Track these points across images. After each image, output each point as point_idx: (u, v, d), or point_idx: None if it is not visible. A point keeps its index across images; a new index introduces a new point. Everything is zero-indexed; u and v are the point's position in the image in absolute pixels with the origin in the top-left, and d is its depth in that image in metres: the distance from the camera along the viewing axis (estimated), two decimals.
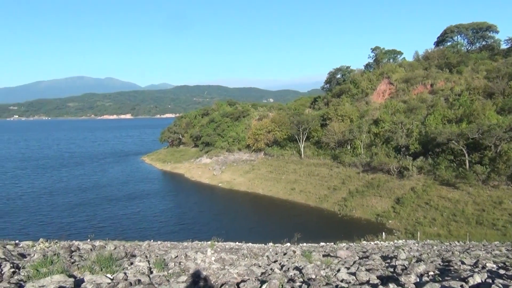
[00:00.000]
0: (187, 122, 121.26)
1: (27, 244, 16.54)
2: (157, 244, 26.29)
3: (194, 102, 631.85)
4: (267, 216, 60.55)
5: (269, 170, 79.37)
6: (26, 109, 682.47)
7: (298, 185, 69.53)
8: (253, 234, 45.08)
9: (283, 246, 27.59)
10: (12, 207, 61.62)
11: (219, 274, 8.90)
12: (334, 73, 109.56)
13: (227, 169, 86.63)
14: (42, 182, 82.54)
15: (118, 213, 59.14)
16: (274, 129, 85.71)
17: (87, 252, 12.72)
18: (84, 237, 29.93)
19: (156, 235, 45.12)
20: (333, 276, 9.14)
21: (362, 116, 78.63)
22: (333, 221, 54.69)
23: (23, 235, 41.99)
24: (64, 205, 63.03)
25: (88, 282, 6.95)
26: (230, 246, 28.20)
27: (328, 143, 75.25)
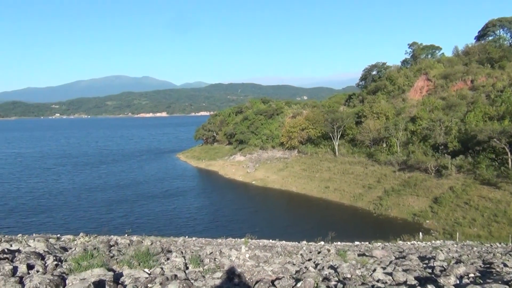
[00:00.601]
0: (221, 120, 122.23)
1: (68, 238, 17.14)
2: (192, 240, 26.71)
3: (228, 100, 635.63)
4: (300, 214, 60.31)
5: (302, 168, 78.99)
6: (67, 107, 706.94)
7: (332, 183, 68.88)
8: (286, 232, 44.99)
9: (317, 245, 27.45)
10: (54, 203, 63.93)
11: (253, 271, 8.95)
12: (370, 70, 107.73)
13: (260, 167, 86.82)
14: (82, 179, 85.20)
15: (154, 209, 60.33)
16: (308, 127, 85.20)
17: (125, 246, 13.05)
18: (122, 232, 30.64)
19: (190, 231, 45.80)
20: (369, 276, 9.03)
21: (398, 114, 77.04)
22: (367, 220, 53.93)
23: (64, 229, 43.42)
24: (103, 201, 64.84)
25: (126, 276, 7.13)
26: (264, 243, 28.29)
27: (363, 141, 74.18)
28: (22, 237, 17.12)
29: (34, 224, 49.82)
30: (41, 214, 56.88)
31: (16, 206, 61.25)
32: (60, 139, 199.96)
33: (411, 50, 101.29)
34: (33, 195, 68.58)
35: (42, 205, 62.26)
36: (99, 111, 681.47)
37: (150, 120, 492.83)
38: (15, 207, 60.36)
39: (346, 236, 34.86)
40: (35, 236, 17.93)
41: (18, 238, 15.10)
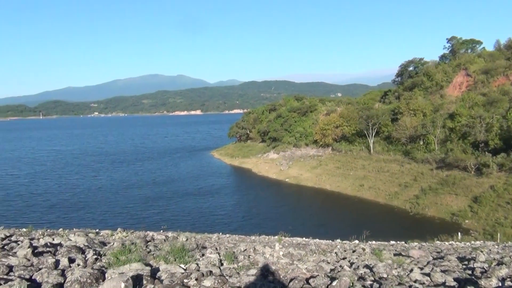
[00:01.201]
0: (255, 118, 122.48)
1: (106, 233, 17.62)
2: (226, 237, 26.92)
3: (261, 97, 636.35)
4: (334, 212, 59.81)
5: (336, 166, 78.17)
6: (104, 106, 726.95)
7: (367, 182, 67.88)
8: (320, 230, 44.72)
9: (351, 243, 27.13)
10: (92, 199, 65.86)
11: (287, 269, 8.93)
12: (406, 66, 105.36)
13: (294, 164, 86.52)
14: (119, 175, 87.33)
15: (189, 206, 61.18)
16: (342, 124, 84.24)
17: (161, 242, 13.28)
18: (158, 228, 31.25)
19: (224, 228, 46.19)
20: (405, 276, 8.86)
21: (436, 110, 75.02)
22: (403, 219, 52.88)
23: (103, 224, 44.63)
24: (139, 198, 66.26)
25: (163, 271, 7.26)
26: (297, 241, 28.21)
27: (399, 138, 72.68)
28: (63, 231, 17.73)
29: (74, 219, 51.45)
30: (80, 210, 58.72)
31: (57, 202, 63.47)
32: (98, 137, 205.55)
33: (450, 44, 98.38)
34: (73, 191, 70.88)
35: (82, 201, 64.27)
36: (136, 109, 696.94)
37: (185, 118, 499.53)
38: (57, 203, 62.56)
39: (381, 235, 34.28)
40: (75, 231, 18.56)
41: (60, 232, 15.64)
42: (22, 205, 61.51)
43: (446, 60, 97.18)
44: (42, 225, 31.47)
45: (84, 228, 27.16)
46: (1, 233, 12.25)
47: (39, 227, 20.72)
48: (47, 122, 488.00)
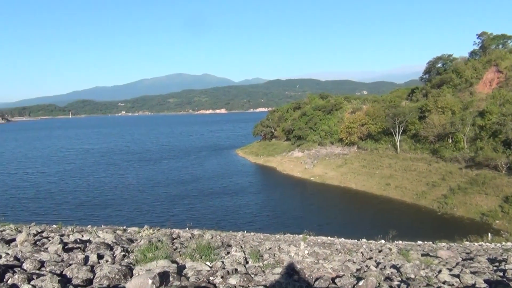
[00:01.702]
0: (279, 116, 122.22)
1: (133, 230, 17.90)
2: (251, 235, 26.99)
3: (286, 96, 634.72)
4: (359, 211, 59.19)
5: (362, 165, 77.32)
6: (131, 105, 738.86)
7: (394, 181, 66.89)
8: (345, 229, 44.30)
9: (377, 243, 26.80)
10: (119, 196, 67.03)
11: (313, 268, 8.89)
12: (434, 62, 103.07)
13: (319, 163, 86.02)
14: (145, 174, 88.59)
15: (214, 204, 61.59)
16: (368, 122, 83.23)
17: (187, 240, 13.42)
18: (183, 226, 31.58)
19: (249, 226, 46.34)
20: (434, 277, 8.69)
21: (465, 108, 73.25)
22: (431, 219, 51.95)
23: (129, 222, 45.41)
24: (165, 196, 67.05)
25: (189, 268, 7.33)
26: (322, 240, 28.02)
27: (427, 136, 71.27)
28: (92, 228, 18.12)
29: (101, 217, 52.48)
30: (108, 207, 59.85)
31: (85, 199, 64.89)
32: (125, 136, 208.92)
33: (480, 40, 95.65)
34: (101, 189, 72.31)
35: (109, 198, 65.50)
36: (162, 108, 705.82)
37: (210, 116, 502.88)
38: (85, 201, 63.96)
39: (407, 235, 33.75)
40: (103, 228, 18.93)
41: (88, 229, 15.99)
42: (52, 202, 63.15)
43: (476, 57, 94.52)
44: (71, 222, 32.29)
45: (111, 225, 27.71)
46: (33, 229, 12.61)
47: (69, 224, 21.26)
48: (76, 121, 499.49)
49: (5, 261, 6.88)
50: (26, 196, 66.79)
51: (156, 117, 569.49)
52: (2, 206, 58.97)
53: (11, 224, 15.55)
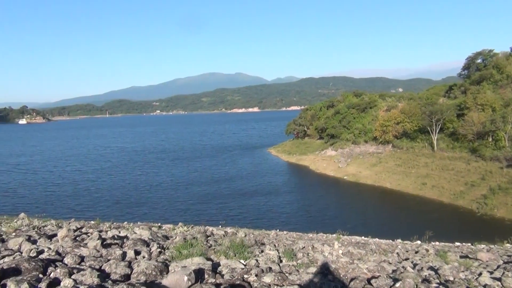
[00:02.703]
0: (312, 114, 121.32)
1: (168, 227, 18.16)
2: (284, 234, 26.88)
3: (319, 94, 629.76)
4: (394, 211, 58.08)
5: (397, 164, 75.78)
6: (166, 104, 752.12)
7: (430, 180, 65.26)
8: (379, 229, 43.53)
9: (413, 244, 26.19)
10: (154, 194, 68.23)
11: (348, 268, 8.79)
12: (474, 58, 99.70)
13: (352, 162, 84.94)
14: (179, 172, 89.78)
15: (247, 203, 61.80)
16: (404, 120, 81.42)
17: (220, 237, 13.51)
18: (216, 224, 31.78)
19: (281, 225, 46.17)
20: (474, 280, 8.42)
21: (507, 105, 70.53)
22: (470, 220, 50.39)
23: (163, 219, 46.11)
24: (198, 194, 67.75)
25: (223, 266, 7.39)
26: (356, 240, 27.62)
27: (465, 135, 69.05)
28: (128, 224, 18.51)
29: (136, 214, 53.53)
30: (143, 205, 61.03)
31: (121, 197, 66.41)
32: (160, 135, 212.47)
33: None
34: (136, 187, 73.85)
35: (144, 196, 66.79)
36: (195, 107, 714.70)
37: (242, 115, 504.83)
38: (121, 198, 65.47)
39: (444, 236, 32.77)
40: (139, 224, 19.30)
41: (125, 226, 16.35)
42: (89, 199, 65.01)
43: None
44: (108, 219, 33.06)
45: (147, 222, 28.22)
46: (72, 225, 13.00)
47: (106, 220, 21.80)
48: (112, 120, 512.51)
49: (47, 255, 7.12)
50: (65, 193, 69.04)
51: (190, 116, 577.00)
52: (42, 203, 61.24)
53: (52, 220, 16.08)
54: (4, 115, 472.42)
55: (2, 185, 76.45)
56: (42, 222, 14.06)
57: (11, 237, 8.76)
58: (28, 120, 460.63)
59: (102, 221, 19.28)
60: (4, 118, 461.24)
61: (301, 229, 39.50)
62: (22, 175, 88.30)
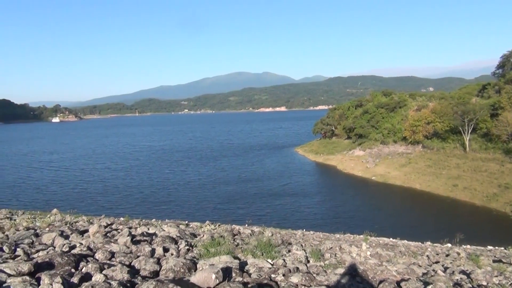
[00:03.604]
0: (340, 114, 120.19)
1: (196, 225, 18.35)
2: (311, 234, 26.74)
3: (347, 93, 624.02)
4: (424, 213, 56.88)
5: (427, 164, 74.21)
6: (194, 103, 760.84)
7: (462, 182, 63.64)
8: (408, 231, 42.74)
9: (443, 247, 25.61)
10: (181, 192, 68.93)
11: (376, 270, 8.66)
12: (509, 56, 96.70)
13: (381, 162, 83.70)
14: (206, 171, 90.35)
15: (273, 202, 61.72)
16: (435, 120, 79.66)
17: (247, 236, 13.54)
18: (243, 222, 31.87)
19: (307, 225, 45.87)
20: (508, 285, 8.16)
21: None
22: (503, 224, 48.86)
23: (191, 217, 46.50)
24: (225, 193, 68.01)
25: (251, 265, 7.38)
26: (384, 242, 27.20)
27: (499, 135, 67.02)
28: (157, 221, 18.78)
29: (164, 211, 54.27)
30: (171, 203, 61.75)
31: (149, 194, 67.43)
32: (187, 133, 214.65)
33: None
34: (163, 185, 74.81)
35: (171, 194, 67.58)
36: (222, 107, 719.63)
37: (269, 114, 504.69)
38: (149, 195, 66.46)
39: (476, 240, 31.90)
40: (167, 222, 19.56)
41: (153, 223, 16.59)
42: (118, 196, 66.27)
43: None
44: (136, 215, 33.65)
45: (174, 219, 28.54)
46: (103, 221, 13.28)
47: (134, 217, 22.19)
48: (142, 119, 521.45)
49: (79, 250, 7.29)
50: (95, 190, 70.62)
51: (217, 115, 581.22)
52: (73, 199, 62.82)
53: (83, 216, 16.47)
54: (38, 113, 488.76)
55: (35, 182, 78.90)
56: (74, 218, 14.41)
57: (45, 232, 9.01)
58: (61, 119, 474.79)
59: (131, 218, 19.65)
60: (38, 117, 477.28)
61: (327, 230, 39.20)
62: (54, 172, 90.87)
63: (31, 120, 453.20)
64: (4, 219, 13.71)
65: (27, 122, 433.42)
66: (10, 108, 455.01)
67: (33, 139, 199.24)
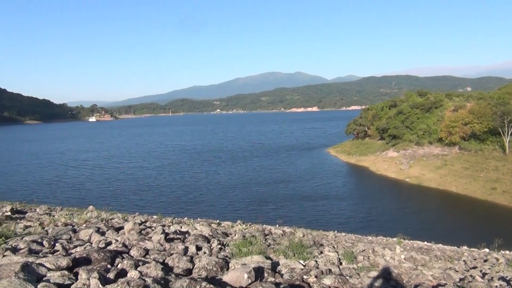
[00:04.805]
0: (373, 114, 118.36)
1: (227, 224, 18.43)
2: (343, 236, 26.42)
3: (381, 93, 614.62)
4: (460, 216, 55.27)
5: (464, 167, 72.07)
6: (226, 103, 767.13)
7: (501, 185, 61.48)
8: (443, 235, 41.58)
9: (481, 252, 24.77)
10: (212, 192, 69.32)
11: (411, 274, 8.47)
12: None
13: (415, 164, 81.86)
14: (237, 171, 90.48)
15: (304, 203, 61.29)
16: (472, 121, 77.25)
17: (278, 236, 13.51)
18: (273, 222, 31.80)
19: (339, 226, 45.44)
20: None
21: None
22: None
23: (222, 217, 46.81)
24: (256, 193, 67.88)
25: (283, 265, 7.36)
26: (419, 245, 26.56)
27: None
28: (189, 220, 19.00)
29: (196, 211, 54.64)
30: (202, 202, 62.21)
31: (181, 193, 68.19)
32: (219, 133, 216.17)
33: None
34: (195, 184, 75.52)
35: (203, 194, 68.04)
36: (254, 107, 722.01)
37: (301, 114, 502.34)
38: (181, 195, 67.20)
39: None
40: (199, 220, 19.74)
41: (186, 221, 16.79)
42: (150, 194, 67.35)
43: None
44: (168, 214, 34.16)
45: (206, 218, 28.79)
46: (137, 219, 13.53)
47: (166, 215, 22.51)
48: (175, 118, 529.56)
49: (115, 247, 7.45)
50: (128, 188, 72.07)
51: (249, 115, 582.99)
52: (108, 197, 64.39)
53: (118, 213, 16.85)
54: (76, 113, 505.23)
55: (72, 179, 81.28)
56: (109, 215, 14.77)
57: (82, 228, 9.27)
58: (97, 118, 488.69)
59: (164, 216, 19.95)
60: (76, 116, 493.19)
61: (360, 232, 38.60)
62: (89, 170, 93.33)
63: (69, 120, 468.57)
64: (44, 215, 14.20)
65: (65, 121, 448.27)
66: (49, 108, 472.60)
67: (70, 138, 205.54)
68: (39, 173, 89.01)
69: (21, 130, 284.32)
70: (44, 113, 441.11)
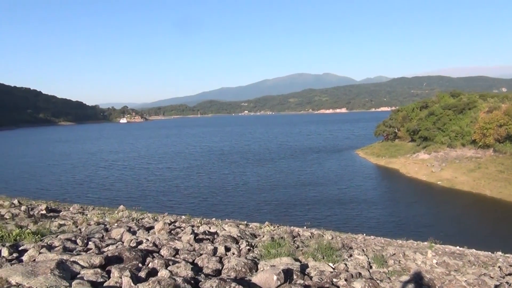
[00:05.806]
0: (404, 116, 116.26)
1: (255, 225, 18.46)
2: (372, 239, 26.09)
3: (411, 94, 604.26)
4: (494, 221, 53.57)
5: (499, 170, 69.87)
6: (254, 105, 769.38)
7: None
8: (476, 240, 40.46)
9: None
10: (240, 193, 69.47)
11: (444, 279, 8.26)
12: None
13: (447, 166, 79.88)
14: (264, 173, 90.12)
15: (333, 205, 60.66)
16: (508, 123, 74.82)
17: (307, 238, 13.44)
18: (301, 225, 31.66)
19: (369, 229, 44.77)
20: None
21: None
22: None
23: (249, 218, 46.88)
24: (284, 195, 67.54)
25: (312, 268, 7.31)
26: (451, 250, 25.98)
27: None
28: (217, 221, 19.14)
29: (222, 212, 54.80)
30: (230, 204, 62.31)
31: (209, 194, 68.55)
32: (246, 134, 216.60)
33: None
34: (222, 185, 75.79)
35: (230, 195, 68.21)
36: (282, 108, 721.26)
37: (329, 116, 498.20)
38: (208, 195, 67.60)
39: None
40: (227, 221, 19.88)
41: (214, 222, 16.92)
42: (179, 195, 68.02)
43: None
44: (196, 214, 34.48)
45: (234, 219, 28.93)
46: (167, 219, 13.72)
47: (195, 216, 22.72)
48: (203, 120, 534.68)
49: (146, 246, 7.57)
50: (157, 189, 73.03)
51: (277, 116, 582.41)
52: (137, 197, 65.43)
53: (148, 213, 17.13)
54: (108, 114, 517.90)
55: (102, 179, 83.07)
56: (140, 214, 15.02)
57: (114, 227, 9.46)
58: (128, 119, 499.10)
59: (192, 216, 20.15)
60: (108, 117, 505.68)
61: (389, 235, 37.99)
62: (119, 171, 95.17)
63: (101, 121, 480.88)
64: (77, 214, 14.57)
65: (97, 122, 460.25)
66: (82, 109, 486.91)
67: (101, 138, 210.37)
68: (71, 173, 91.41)
69: (55, 131, 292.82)
70: (77, 115, 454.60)
